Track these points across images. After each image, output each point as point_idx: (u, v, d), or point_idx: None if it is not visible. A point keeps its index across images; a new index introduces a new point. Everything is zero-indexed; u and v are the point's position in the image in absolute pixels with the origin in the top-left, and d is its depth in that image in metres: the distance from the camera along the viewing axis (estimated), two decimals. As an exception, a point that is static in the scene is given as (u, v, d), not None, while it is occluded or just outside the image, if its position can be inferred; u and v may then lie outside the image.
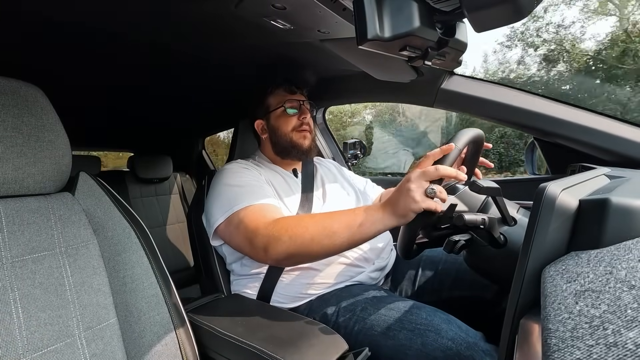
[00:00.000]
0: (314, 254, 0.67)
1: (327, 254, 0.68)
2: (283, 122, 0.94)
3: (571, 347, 0.22)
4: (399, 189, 0.63)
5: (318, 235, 0.66)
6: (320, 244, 0.66)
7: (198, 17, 0.73)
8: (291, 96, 0.95)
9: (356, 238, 0.65)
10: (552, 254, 0.36)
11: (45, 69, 0.96)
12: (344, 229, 0.65)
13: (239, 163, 0.90)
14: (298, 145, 0.93)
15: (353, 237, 0.65)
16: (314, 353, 0.57)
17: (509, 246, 0.59)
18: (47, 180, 0.53)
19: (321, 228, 0.66)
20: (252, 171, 0.87)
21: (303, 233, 0.66)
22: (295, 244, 0.66)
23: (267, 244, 0.68)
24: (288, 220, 0.70)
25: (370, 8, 0.45)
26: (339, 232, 0.65)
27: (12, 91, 0.50)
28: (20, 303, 0.46)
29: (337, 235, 0.65)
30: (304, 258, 0.69)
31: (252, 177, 0.84)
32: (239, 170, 0.85)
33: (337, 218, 0.67)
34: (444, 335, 0.61)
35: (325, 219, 0.67)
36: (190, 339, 0.61)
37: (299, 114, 0.94)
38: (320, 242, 0.66)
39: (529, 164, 1.13)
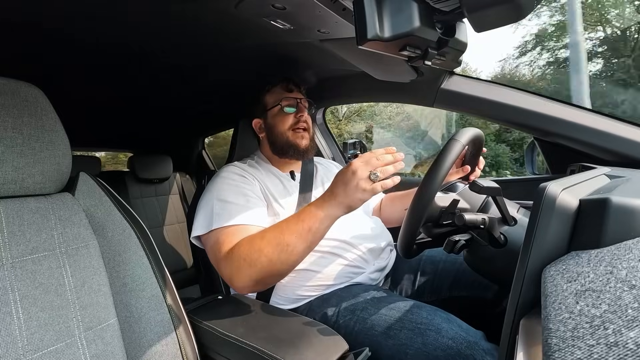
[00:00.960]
0: (278, 272, 0.68)
1: (291, 266, 0.69)
2: (280, 121, 0.93)
3: (572, 346, 0.22)
4: (343, 182, 0.65)
5: (273, 253, 0.66)
6: (279, 261, 0.66)
7: (198, 18, 0.73)
8: (288, 94, 0.95)
9: (310, 242, 0.67)
10: (552, 253, 0.36)
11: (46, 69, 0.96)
12: (296, 239, 0.66)
13: (235, 168, 0.88)
14: (295, 144, 0.92)
15: (307, 243, 0.67)
16: (314, 353, 0.57)
17: (509, 246, 0.59)
18: (47, 181, 0.53)
19: (274, 245, 0.66)
20: (246, 178, 0.85)
21: (259, 257, 0.66)
22: (255, 269, 0.66)
23: (230, 275, 0.69)
24: (242, 247, 0.69)
25: (370, 8, 0.45)
26: (292, 242, 0.66)
27: (12, 91, 0.50)
28: (21, 303, 0.46)
29: (291, 246, 0.66)
30: (272, 279, 0.70)
31: (243, 189, 0.82)
32: (231, 180, 0.83)
33: (286, 230, 0.67)
34: (444, 335, 0.61)
35: (276, 235, 0.67)
36: (191, 339, 0.61)
37: (296, 112, 0.94)
38: (279, 259, 0.66)
39: (529, 163, 1.13)
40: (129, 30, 0.77)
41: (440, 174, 0.60)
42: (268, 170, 0.94)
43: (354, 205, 0.66)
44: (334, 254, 0.82)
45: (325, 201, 0.67)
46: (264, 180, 0.88)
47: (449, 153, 0.62)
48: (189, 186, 2.12)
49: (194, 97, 1.39)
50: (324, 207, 0.67)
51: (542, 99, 0.95)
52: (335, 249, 0.82)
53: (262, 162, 0.97)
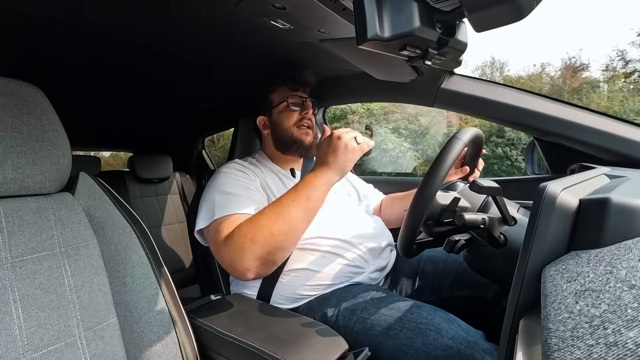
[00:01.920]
0: (281, 245, 0.67)
1: (294, 238, 0.69)
2: (285, 117, 0.95)
3: (571, 346, 0.22)
4: (332, 148, 0.71)
5: (274, 225, 0.66)
6: (281, 232, 0.66)
7: (198, 17, 0.73)
8: (294, 93, 0.96)
9: (310, 210, 0.69)
10: (552, 253, 0.36)
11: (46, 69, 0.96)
12: (296, 209, 0.67)
13: (236, 164, 0.90)
14: (299, 140, 0.93)
15: (307, 211, 0.68)
16: (314, 353, 0.57)
17: (509, 246, 0.59)
18: (47, 181, 0.53)
19: (275, 218, 0.67)
20: (246, 174, 0.86)
21: (261, 231, 0.66)
22: (258, 245, 0.66)
23: (233, 258, 0.67)
24: (242, 227, 0.69)
25: (370, 8, 0.45)
26: (293, 213, 0.67)
27: (12, 91, 0.50)
28: (21, 303, 0.46)
29: (293, 217, 0.67)
30: (275, 256, 0.68)
31: (244, 182, 0.83)
32: (232, 175, 0.84)
33: (285, 202, 0.69)
34: (444, 335, 0.61)
35: (275, 209, 0.68)
36: (191, 338, 0.61)
37: (301, 109, 0.95)
38: (280, 230, 0.66)
39: (529, 163, 1.13)
40: (129, 30, 0.77)
41: (441, 171, 0.60)
42: (268, 167, 0.95)
43: (347, 167, 0.71)
44: (334, 253, 0.82)
45: (319, 170, 0.71)
46: (264, 177, 0.89)
47: (451, 151, 0.62)
48: (189, 186, 2.12)
49: (193, 96, 1.39)
50: (319, 175, 0.70)
51: (542, 99, 0.95)
52: (335, 248, 0.82)
53: (262, 160, 0.98)
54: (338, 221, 0.86)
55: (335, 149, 0.71)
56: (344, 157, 0.70)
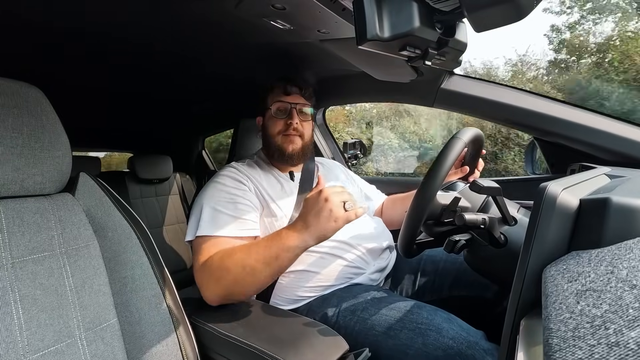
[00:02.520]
0: (241, 292, 0.69)
1: (255, 288, 0.70)
2: (271, 124, 0.93)
3: (573, 347, 0.22)
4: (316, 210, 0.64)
5: (239, 275, 0.67)
6: (244, 282, 0.67)
7: (198, 18, 0.73)
8: (284, 97, 0.92)
9: (276, 269, 0.67)
10: (552, 253, 0.36)
11: (46, 70, 0.96)
12: (262, 265, 0.66)
13: (231, 171, 0.88)
14: (281, 148, 0.91)
15: (273, 270, 0.67)
16: (314, 353, 0.57)
17: (510, 246, 0.59)
18: (47, 181, 0.53)
19: (241, 268, 0.67)
20: (241, 182, 0.85)
21: (226, 276, 0.68)
22: (221, 287, 0.69)
23: (200, 286, 0.71)
24: (212, 264, 0.70)
25: (370, 8, 0.45)
26: (258, 268, 0.66)
27: (13, 92, 0.50)
28: (21, 304, 0.46)
29: (257, 271, 0.66)
30: (236, 296, 0.71)
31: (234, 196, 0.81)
32: (223, 186, 0.83)
33: (254, 254, 0.67)
34: (445, 335, 0.61)
35: (243, 257, 0.68)
36: (191, 339, 0.61)
37: (287, 117, 0.91)
38: (243, 280, 0.67)
39: (529, 163, 1.13)
40: (129, 31, 0.77)
41: (442, 171, 0.60)
42: (267, 170, 0.93)
43: (327, 234, 0.64)
44: (333, 254, 0.82)
45: (297, 230, 0.66)
46: (261, 181, 0.88)
47: (451, 150, 0.62)
48: (189, 186, 2.12)
49: (194, 97, 1.40)
50: (295, 236, 0.65)
51: (542, 98, 0.95)
52: (335, 249, 0.82)
53: (261, 162, 0.97)
54: None
55: (319, 212, 0.64)
56: (326, 224, 0.63)
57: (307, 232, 0.65)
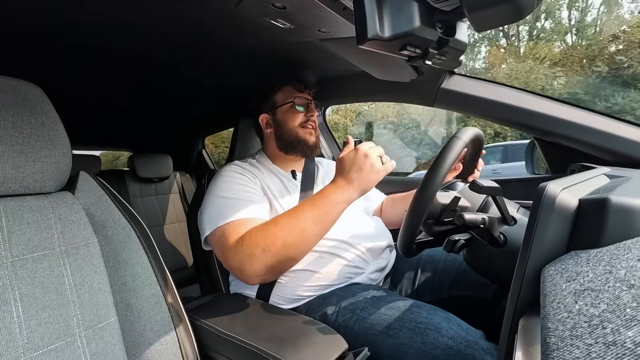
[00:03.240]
0: (292, 257, 0.68)
1: (305, 251, 0.69)
2: (290, 117, 0.95)
3: (570, 346, 0.22)
4: (357, 166, 0.69)
5: (288, 237, 0.66)
6: (294, 245, 0.67)
7: (198, 17, 0.73)
8: (299, 94, 0.97)
9: (325, 225, 0.68)
10: (551, 253, 0.36)
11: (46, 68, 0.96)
12: (311, 223, 0.67)
13: (235, 166, 0.89)
14: (304, 140, 0.94)
15: (322, 226, 0.68)
16: (314, 352, 0.57)
17: (509, 245, 0.59)
18: (47, 180, 0.53)
19: (289, 230, 0.67)
20: (246, 177, 0.86)
21: (274, 242, 0.66)
22: (269, 255, 0.66)
23: (241, 263, 0.68)
24: (254, 234, 0.69)
25: (371, 7, 0.45)
26: (308, 227, 0.67)
27: (13, 90, 0.50)
28: (21, 302, 0.46)
29: (307, 231, 0.67)
30: (284, 265, 0.69)
31: (244, 186, 0.83)
32: (232, 178, 0.84)
33: (301, 214, 0.68)
34: (444, 334, 0.61)
35: (290, 220, 0.68)
36: (191, 338, 0.61)
37: (307, 111, 0.96)
38: (293, 243, 0.66)
39: (528, 163, 1.13)
40: (129, 29, 0.77)
41: (442, 170, 0.60)
42: (269, 169, 0.94)
43: (370, 186, 0.70)
44: (333, 254, 0.82)
45: (340, 187, 0.70)
46: (264, 179, 0.88)
47: (451, 150, 0.62)
48: (189, 185, 2.12)
49: (193, 96, 1.39)
50: (339, 192, 0.69)
51: (542, 98, 0.95)
52: (334, 249, 0.82)
53: (263, 160, 0.97)
54: (338, 222, 0.86)
55: (360, 167, 0.69)
56: (369, 177, 0.69)
57: (351, 186, 0.70)
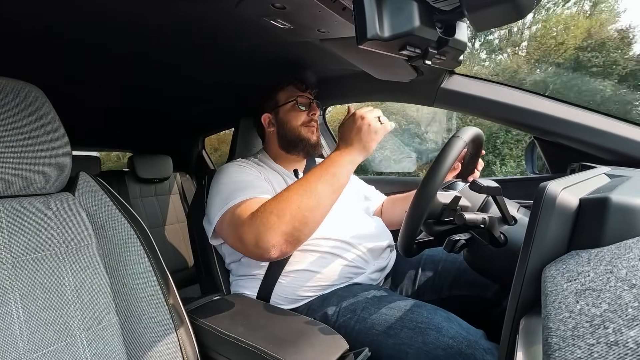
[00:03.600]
0: (307, 221, 0.66)
1: (321, 215, 0.69)
2: (293, 116, 0.95)
3: (572, 346, 0.22)
4: (355, 129, 0.73)
5: (301, 199, 0.66)
6: (308, 207, 0.66)
7: (198, 17, 0.73)
8: (302, 93, 0.97)
9: (335, 187, 0.70)
10: (552, 253, 0.36)
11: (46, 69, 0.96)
12: (323, 184, 0.68)
13: (238, 162, 0.90)
14: (306, 138, 0.94)
15: (333, 187, 0.69)
16: (315, 352, 0.57)
17: (509, 245, 0.59)
18: (47, 180, 0.53)
19: (301, 193, 0.67)
20: (250, 168, 0.87)
21: (288, 205, 0.66)
22: (285, 220, 0.64)
23: (257, 236, 0.65)
24: (267, 204, 0.68)
25: (370, 7, 0.45)
26: (320, 188, 0.68)
27: (12, 91, 0.49)
28: (21, 303, 0.46)
29: (319, 192, 0.67)
30: (301, 232, 0.66)
31: (250, 173, 0.84)
32: (236, 168, 0.85)
33: (311, 178, 0.69)
34: (444, 334, 0.61)
35: (301, 184, 0.69)
36: (191, 338, 0.61)
37: (309, 110, 0.96)
38: (308, 205, 0.66)
39: (528, 163, 1.13)
40: (129, 29, 0.77)
41: (442, 170, 0.60)
42: (271, 168, 0.95)
43: (371, 147, 0.73)
44: (333, 254, 0.82)
45: (343, 150, 0.73)
46: (267, 177, 0.89)
47: (452, 150, 0.62)
48: (189, 186, 2.12)
49: (193, 96, 1.39)
50: (344, 154, 0.72)
51: (542, 98, 0.95)
52: (335, 249, 0.82)
53: (265, 160, 0.97)
54: (338, 222, 0.86)
55: (359, 128, 0.72)
56: (368, 137, 0.72)
57: (353, 148, 0.73)
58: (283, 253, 0.68)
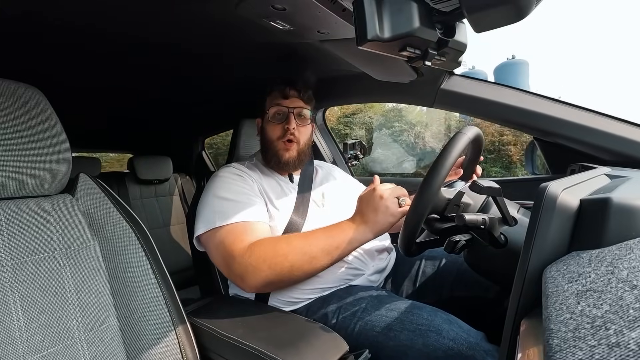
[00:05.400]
0: (294, 279, 0.70)
1: (308, 277, 0.71)
2: (270, 129, 0.92)
3: (573, 347, 0.22)
4: (373, 207, 0.70)
5: (297, 262, 0.67)
6: (301, 270, 0.68)
7: (198, 18, 0.73)
8: (282, 101, 0.91)
9: (335, 259, 0.69)
10: (553, 253, 0.36)
11: (46, 71, 0.96)
12: (322, 254, 0.68)
13: (233, 168, 0.89)
14: (278, 155, 0.90)
15: (332, 259, 0.69)
16: (314, 354, 0.57)
17: (510, 246, 0.59)
18: (47, 182, 0.52)
19: (300, 255, 0.67)
20: (244, 179, 0.85)
21: (282, 262, 0.67)
22: (274, 272, 0.67)
23: (244, 272, 0.68)
24: (265, 248, 0.69)
25: (370, 8, 0.45)
26: (318, 256, 0.67)
27: (12, 93, 0.50)
28: (21, 305, 0.46)
29: (316, 259, 0.67)
30: (284, 284, 0.71)
31: (243, 187, 0.82)
32: (230, 180, 0.83)
33: (314, 242, 0.68)
34: (445, 336, 0.61)
35: (303, 244, 0.68)
36: (191, 340, 0.61)
37: (284, 122, 0.90)
38: (300, 268, 0.67)
39: (529, 163, 1.13)
40: (129, 31, 0.77)
41: (445, 167, 0.59)
42: (266, 172, 0.93)
43: (384, 228, 0.69)
44: None
45: (356, 223, 0.70)
46: (261, 182, 0.88)
47: (454, 147, 0.61)
48: (189, 187, 2.12)
49: (193, 98, 1.40)
50: (355, 229, 0.69)
51: (542, 99, 0.95)
52: None
53: (260, 164, 0.97)
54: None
55: (376, 208, 0.69)
56: (383, 219, 0.69)
57: (366, 226, 0.70)
58: (259, 291, 0.74)
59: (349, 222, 0.71)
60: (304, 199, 0.89)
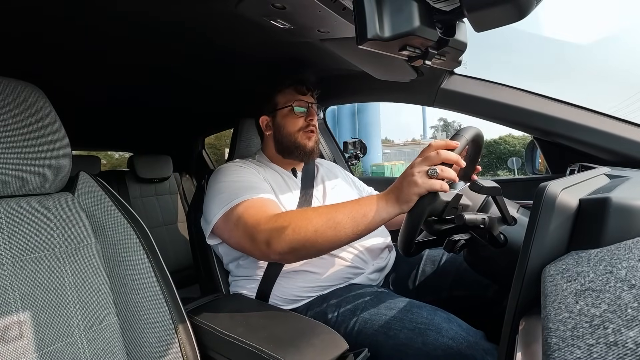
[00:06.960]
0: (318, 246, 0.66)
1: (331, 246, 0.67)
2: (289, 122, 0.94)
3: (571, 346, 0.22)
4: (402, 176, 0.64)
5: (322, 226, 0.65)
6: (324, 235, 0.65)
7: (198, 17, 0.73)
8: (300, 97, 0.95)
9: (360, 228, 0.65)
10: (552, 253, 0.36)
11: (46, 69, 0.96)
12: (348, 220, 0.65)
13: (236, 162, 0.90)
14: (302, 145, 0.93)
15: (357, 228, 0.65)
16: (314, 352, 0.57)
17: (509, 245, 0.59)
18: (47, 180, 0.53)
19: (325, 220, 0.65)
20: (250, 169, 0.87)
21: (307, 225, 0.65)
22: (299, 236, 0.65)
23: (270, 237, 0.67)
24: (290, 213, 0.69)
25: (370, 8, 0.45)
26: (343, 222, 0.65)
27: (12, 91, 0.49)
28: (21, 303, 0.46)
29: (341, 226, 0.65)
30: (308, 251, 0.67)
31: (250, 174, 0.84)
32: (236, 168, 0.85)
33: (341, 209, 0.66)
34: (444, 334, 0.61)
35: (329, 211, 0.67)
36: (191, 338, 0.61)
37: (307, 115, 0.94)
38: (324, 233, 0.65)
39: (528, 163, 1.13)
40: (129, 30, 0.77)
41: None
42: (270, 168, 0.95)
43: (409, 199, 0.62)
44: (332, 254, 0.82)
45: (387, 194, 0.66)
46: (266, 176, 0.89)
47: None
48: (189, 186, 2.12)
49: (193, 97, 1.39)
50: (385, 199, 0.66)
51: (542, 98, 0.95)
52: None
53: (263, 160, 0.97)
54: None
55: (404, 176, 0.64)
56: (407, 189, 0.61)
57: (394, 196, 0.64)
58: (283, 261, 0.72)
59: (382, 194, 0.67)
60: (307, 194, 0.90)
